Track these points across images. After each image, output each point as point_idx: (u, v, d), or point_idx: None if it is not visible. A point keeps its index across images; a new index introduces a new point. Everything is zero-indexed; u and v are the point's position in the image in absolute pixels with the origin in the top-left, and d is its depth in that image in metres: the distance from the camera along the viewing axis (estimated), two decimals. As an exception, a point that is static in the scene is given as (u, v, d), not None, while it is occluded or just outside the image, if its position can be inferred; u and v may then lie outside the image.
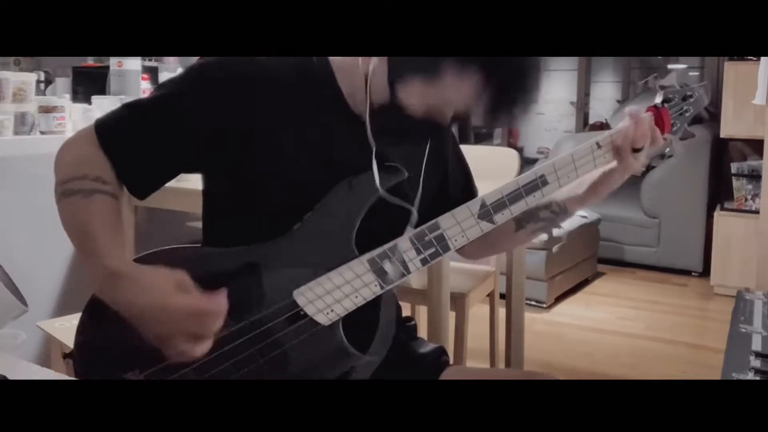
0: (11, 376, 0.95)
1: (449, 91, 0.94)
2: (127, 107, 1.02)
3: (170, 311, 0.87)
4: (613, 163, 1.09)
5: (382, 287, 1.01)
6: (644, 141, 1.06)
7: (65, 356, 1.65)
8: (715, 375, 1.14)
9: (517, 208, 1.05)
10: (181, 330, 0.88)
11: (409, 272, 1.02)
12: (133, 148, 0.99)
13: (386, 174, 1.03)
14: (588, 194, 1.12)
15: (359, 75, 1.01)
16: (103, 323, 0.97)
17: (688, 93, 1.14)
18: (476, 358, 2.59)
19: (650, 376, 2.78)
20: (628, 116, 1.07)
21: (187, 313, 0.87)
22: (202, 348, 0.89)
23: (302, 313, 0.99)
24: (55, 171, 0.99)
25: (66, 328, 1.71)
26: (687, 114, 1.14)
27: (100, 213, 0.94)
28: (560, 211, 1.14)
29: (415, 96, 0.95)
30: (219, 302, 0.89)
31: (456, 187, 1.21)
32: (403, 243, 1.02)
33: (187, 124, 0.98)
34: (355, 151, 1.03)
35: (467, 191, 1.23)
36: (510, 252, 2.36)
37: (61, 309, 2.24)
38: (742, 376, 1.07)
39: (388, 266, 1.01)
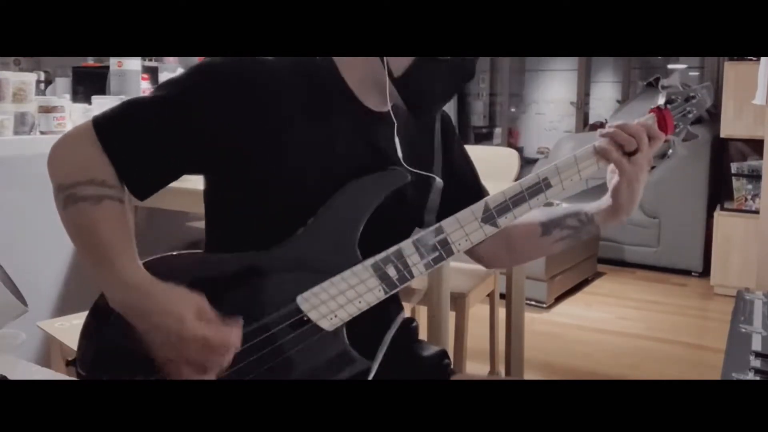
0: (11, 376, 0.95)
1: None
2: (129, 105, 0.98)
3: (183, 340, 0.87)
4: (616, 175, 1.06)
5: (386, 292, 1.01)
6: (633, 144, 1.03)
7: (68, 363, 1.65)
8: (715, 375, 1.14)
9: (521, 211, 1.04)
10: (190, 358, 0.88)
11: (412, 277, 1.01)
12: (135, 148, 0.96)
13: (387, 177, 1.03)
14: (613, 209, 1.08)
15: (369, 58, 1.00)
16: (107, 329, 0.96)
17: (691, 94, 1.13)
18: (476, 358, 2.59)
19: (650, 376, 2.78)
20: (607, 132, 1.04)
21: (201, 345, 0.87)
22: (207, 377, 0.89)
23: (306, 318, 0.98)
24: (51, 172, 0.96)
25: (66, 328, 1.70)
26: (690, 115, 1.13)
27: (111, 221, 0.93)
28: (587, 221, 1.12)
29: None
30: (234, 336, 0.89)
31: (463, 184, 1.20)
32: (407, 247, 1.01)
33: (192, 124, 0.97)
34: (361, 151, 1.03)
35: (476, 188, 1.22)
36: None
37: (61, 309, 2.23)
38: (742, 376, 1.07)
39: (391, 271, 1.00)
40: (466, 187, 1.20)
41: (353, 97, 1.04)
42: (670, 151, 1.22)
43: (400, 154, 1.03)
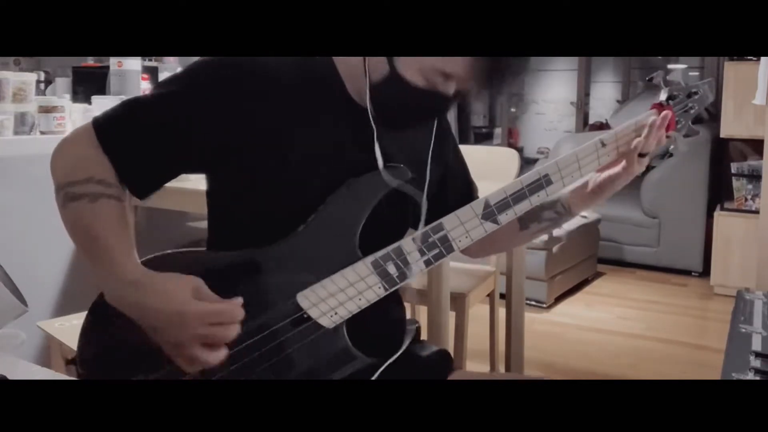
0: (11, 376, 0.95)
1: (447, 59, 0.92)
2: (127, 105, 0.99)
3: (186, 318, 0.87)
4: (619, 167, 1.09)
5: (386, 289, 1.01)
6: (654, 147, 1.07)
7: (68, 362, 1.65)
8: (715, 375, 1.14)
9: (521, 208, 1.05)
10: (196, 337, 0.87)
11: (412, 274, 1.02)
12: (135, 147, 0.97)
13: (391, 173, 1.03)
14: (592, 195, 1.13)
15: (357, 57, 1.00)
16: (106, 327, 0.96)
17: (693, 90, 1.14)
18: (476, 358, 2.59)
19: (650, 376, 2.78)
20: (642, 125, 1.07)
21: (203, 320, 0.87)
22: (217, 356, 0.89)
23: (306, 316, 0.98)
24: (53, 172, 0.98)
25: (66, 328, 1.70)
26: (691, 111, 1.14)
27: (108, 218, 0.93)
28: (564, 212, 1.15)
29: (413, 65, 0.94)
30: (235, 309, 0.89)
31: (455, 187, 1.21)
32: (407, 244, 1.01)
33: (190, 122, 0.97)
34: (360, 148, 1.03)
35: (466, 193, 1.23)
36: (510, 252, 2.36)
37: (61, 309, 2.23)
38: (742, 376, 1.07)
39: (391, 268, 1.00)
40: (456, 190, 1.21)
41: (350, 96, 1.04)
42: (672, 147, 1.23)
43: (380, 161, 1.01)
